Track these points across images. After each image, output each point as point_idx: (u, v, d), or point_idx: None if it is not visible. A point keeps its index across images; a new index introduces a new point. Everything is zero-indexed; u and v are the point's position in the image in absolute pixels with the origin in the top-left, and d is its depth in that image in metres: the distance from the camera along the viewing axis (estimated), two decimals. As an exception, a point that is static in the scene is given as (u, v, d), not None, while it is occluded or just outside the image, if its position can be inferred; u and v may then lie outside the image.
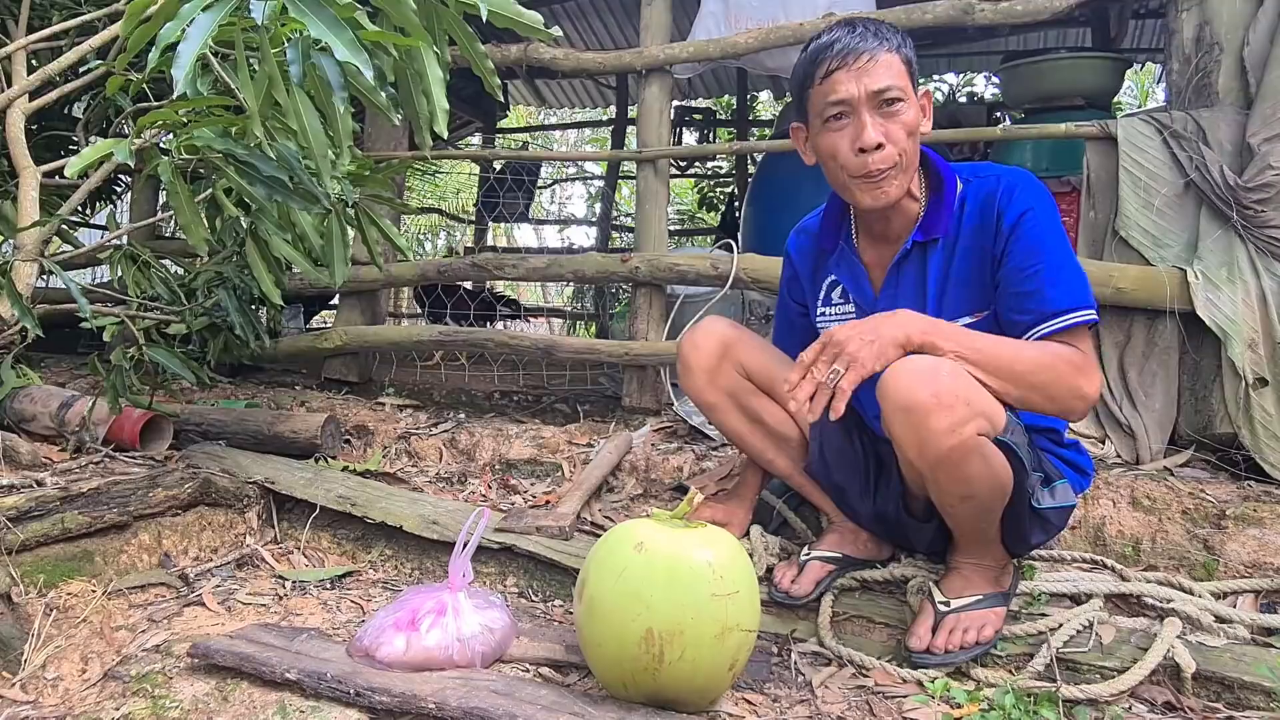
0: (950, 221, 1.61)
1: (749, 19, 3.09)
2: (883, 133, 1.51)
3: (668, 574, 1.30)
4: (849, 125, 1.53)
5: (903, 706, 1.45)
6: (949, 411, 1.38)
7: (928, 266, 1.63)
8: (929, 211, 1.62)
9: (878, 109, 1.51)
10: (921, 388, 1.39)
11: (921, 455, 1.44)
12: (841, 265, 1.75)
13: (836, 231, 1.76)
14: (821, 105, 1.55)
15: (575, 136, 12.88)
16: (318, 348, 3.22)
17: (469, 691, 1.33)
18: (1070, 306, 1.49)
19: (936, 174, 1.63)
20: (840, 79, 1.52)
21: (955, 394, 1.38)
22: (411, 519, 2.04)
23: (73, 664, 1.53)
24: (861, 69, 1.51)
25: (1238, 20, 2.28)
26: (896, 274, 1.66)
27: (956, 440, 1.39)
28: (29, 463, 2.07)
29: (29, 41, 2.25)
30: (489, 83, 1.82)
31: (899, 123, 1.52)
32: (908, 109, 1.53)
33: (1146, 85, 8.94)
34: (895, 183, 1.55)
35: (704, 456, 2.46)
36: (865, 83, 1.50)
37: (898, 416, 1.43)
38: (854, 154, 1.53)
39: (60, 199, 2.43)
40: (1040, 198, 1.56)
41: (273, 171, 1.74)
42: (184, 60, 1.33)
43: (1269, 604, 1.71)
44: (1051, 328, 1.49)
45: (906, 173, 1.57)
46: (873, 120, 1.51)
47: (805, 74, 1.58)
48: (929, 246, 1.63)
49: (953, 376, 1.39)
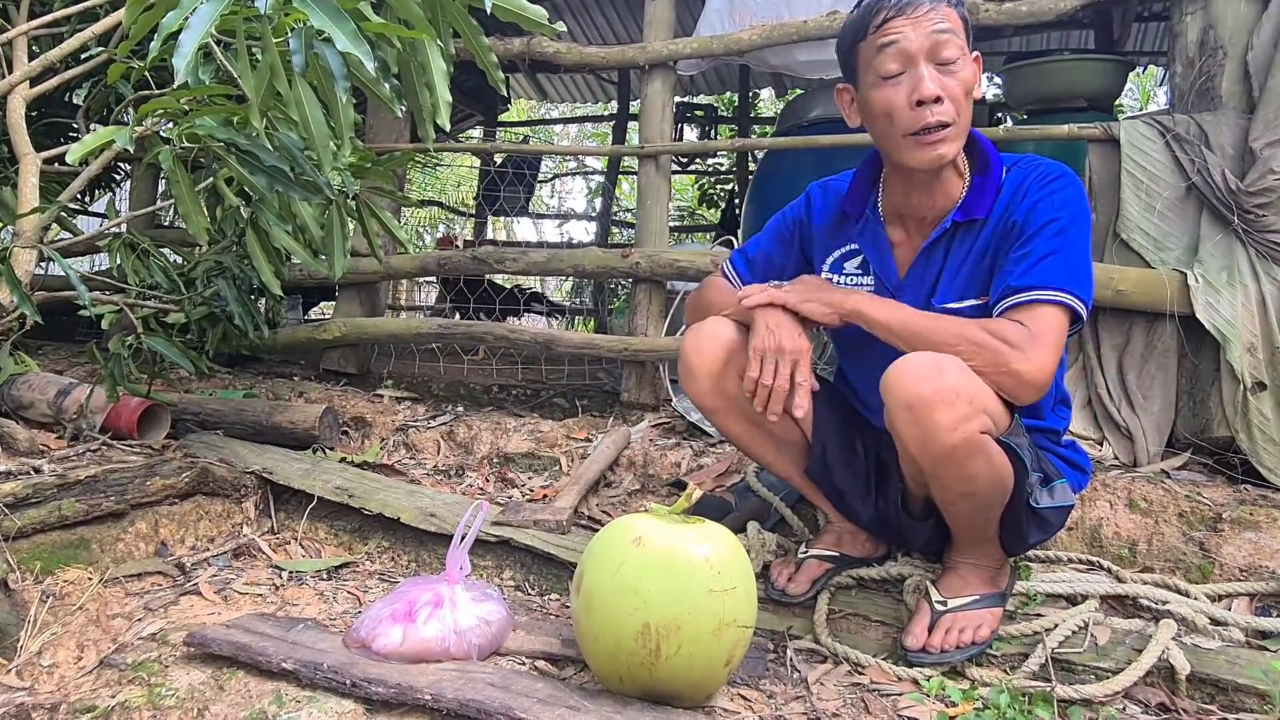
0: (994, 204, 1.55)
1: (753, 15, 3.08)
2: (941, 86, 1.46)
3: (665, 568, 1.30)
4: (905, 78, 1.47)
5: (898, 704, 1.45)
6: (952, 408, 1.37)
7: (952, 249, 1.59)
8: (973, 191, 1.57)
9: (935, 62, 1.46)
10: (925, 384, 1.38)
11: (924, 451, 1.44)
12: (866, 236, 1.68)
13: (864, 200, 1.69)
14: (875, 57, 1.49)
15: (576, 131, 12.88)
16: (316, 339, 3.21)
17: (465, 683, 1.33)
18: (1037, 284, 1.44)
19: (984, 154, 1.58)
20: (898, 25, 1.46)
21: (959, 391, 1.38)
22: (409, 511, 2.04)
23: (69, 651, 1.53)
24: (922, 18, 1.45)
25: (1242, 24, 2.27)
26: (928, 255, 1.61)
27: (960, 437, 1.39)
28: (26, 450, 2.07)
29: (30, 27, 2.24)
30: (493, 76, 1.82)
31: (957, 80, 1.47)
32: (966, 65, 1.47)
33: (1149, 88, 8.93)
34: (952, 144, 1.49)
35: (702, 453, 2.46)
36: (925, 29, 1.45)
37: (900, 413, 1.42)
38: (910, 107, 1.47)
39: (60, 186, 2.43)
40: (1065, 189, 1.52)
41: (274, 162, 1.74)
42: (186, 49, 1.33)
43: (1264, 607, 1.72)
44: (1010, 303, 1.46)
45: (962, 136, 1.51)
46: (932, 73, 1.46)
47: (858, 26, 1.52)
48: (965, 228, 1.58)
49: (957, 374, 1.39)
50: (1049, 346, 1.42)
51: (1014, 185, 1.55)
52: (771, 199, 4.13)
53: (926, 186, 1.59)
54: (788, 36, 2.84)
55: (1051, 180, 1.53)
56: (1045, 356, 1.42)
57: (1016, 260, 1.49)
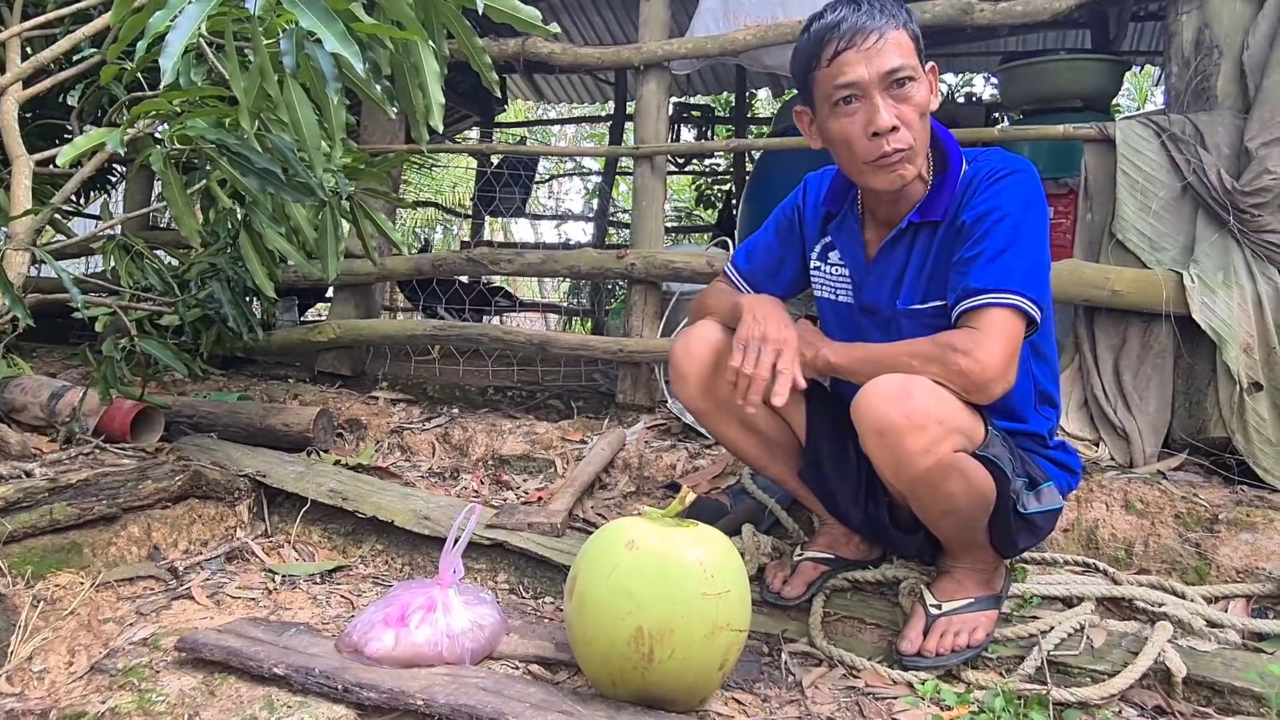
0: (950, 204, 1.56)
1: (748, 16, 3.07)
2: (895, 114, 1.46)
3: (659, 572, 1.30)
4: (860, 108, 1.48)
5: (893, 708, 1.45)
6: (922, 432, 1.37)
7: (914, 250, 1.60)
8: (932, 193, 1.57)
9: (889, 90, 1.46)
10: (893, 409, 1.38)
11: (898, 476, 1.45)
12: (842, 232, 1.71)
13: (843, 197, 1.72)
14: (830, 89, 1.49)
15: (573, 132, 12.87)
16: (311, 341, 3.20)
17: (457, 688, 1.33)
18: (986, 288, 1.44)
19: (943, 153, 1.58)
20: (849, 60, 1.46)
21: (928, 413, 1.38)
22: (403, 514, 2.03)
23: (59, 656, 1.52)
24: (871, 49, 1.45)
25: (1238, 24, 2.27)
26: (888, 253, 1.62)
27: (932, 461, 1.39)
28: (18, 453, 2.06)
29: (23, 28, 2.23)
30: (487, 78, 1.81)
31: (911, 104, 1.47)
32: (918, 88, 1.48)
33: (1145, 88, 8.94)
34: (911, 165, 1.51)
35: (697, 455, 2.45)
36: (876, 64, 1.45)
37: (872, 439, 1.43)
38: (867, 138, 1.48)
39: (53, 188, 2.42)
40: (1017, 186, 1.51)
41: (266, 163, 1.73)
42: (172, 49, 1.32)
43: (1260, 609, 1.71)
44: (962, 308, 1.46)
45: (921, 153, 1.53)
46: (885, 102, 1.46)
47: (809, 55, 1.52)
48: (923, 229, 1.58)
49: (926, 396, 1.39)
50: (997, 343, 1.41)
51: (965, 184, 1.56)
52: (768, 199, 4.12)
53: (891, 198, 1.60)
54: (782, 37, 2.83)
55: (1001, 177, 1.52)
56: (992, 355, 1.41)
57: (967, 262, 1.48)
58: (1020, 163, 1.55)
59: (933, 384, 1.40)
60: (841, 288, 1.72)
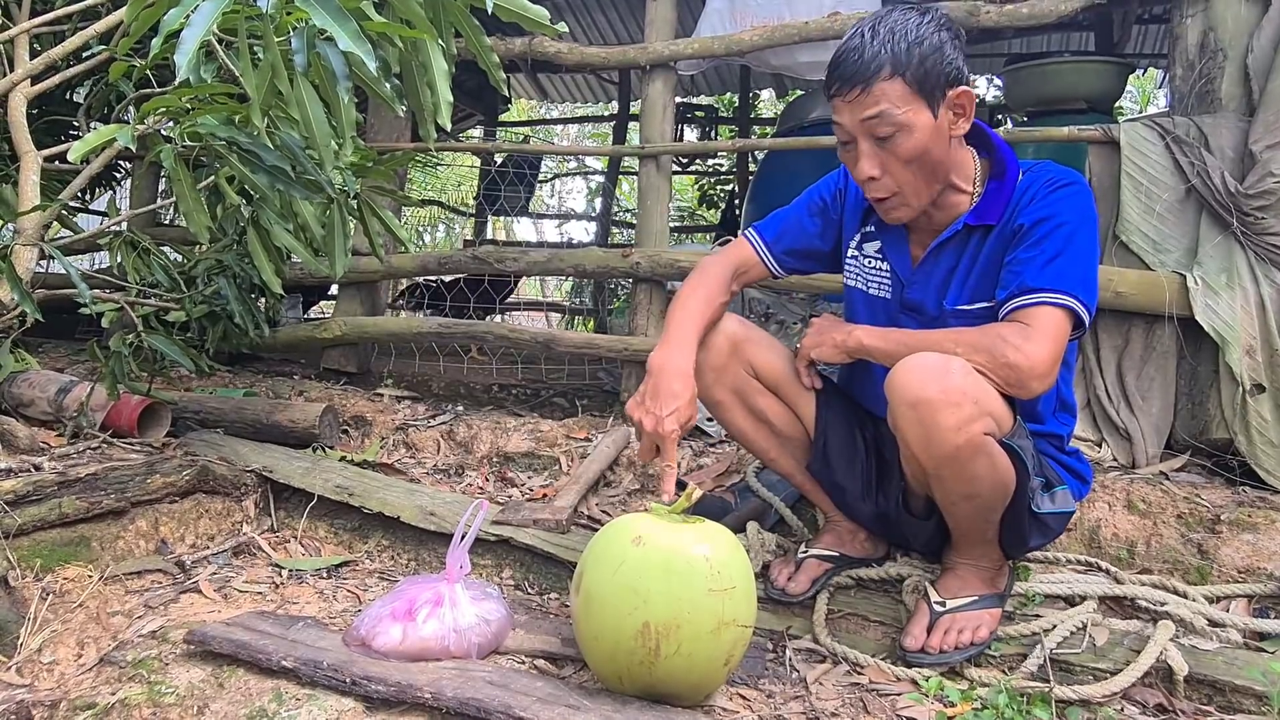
0: (1006, 209, 1.57)
1: (754, 16, 3.08)
2: (879, 164, 1.50)
3: (665, 568, 1.30)
4: (851, 150, 1.53)
5: (896, 704, 1.45)
6: (957, 409, 1.38)
7: (965, 252, 1.60)
8: (988, 196, 1.58)
9: (873, 137, 1.49)
10: (930, 384, 1.39)
11: (927, 452, 1.44)
12: (889, 229, 1.70)
13: None
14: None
15: (577, 131, 12.88)
16: (317, 338, 3.21)
17: (465, 682, 1.34)
18: (1040, 287, 1.46)
19: (1002, 161, 1.59)
20: (838, 106, 1.52)
21: (964, 391, 1.39)
22: (409, 510, 2.04)
23: (68, 648, 1.53)
24: (855, 101, 1.48)
25: (1242, 27, 2.28)
26: (938, 253, 1.63)
27: (963, 439, 1.40)
28: (27, 447, 2.07)
29: (32, 25, 2.24)
30: (494, 76, 1.82)
31: (895, 155, 1.49)
32: (906, 138, 1.47)
33: (1149, 90, 8.94)
34: (903, 209, 1.55)
35: (702, 453, 2.46)
36: (860, 114, 1.48)
37: (905, 411, 1.43)
38: (858, 177, 1.54)
39: (61, 184, 2.42)
40: (1076, 197, 1.53)
41: (275, 160, 1.74)
42: (187, 47, 1.33)
43: (1262, 608, 1.72)
44: (1013, 305, 1.47)
45: (917, 196, 1.54)
46: (869, 150, 1.50)
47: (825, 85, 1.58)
48: (976, 231, 1.59)
49: (963, 375, 1.40)
50: (1047, 340, 1.43)
51: (1023, 190, 1.57)
52: (772, 200, 4.12)
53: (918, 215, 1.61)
54: (789, 37, 2.84)
55: (1060, 186, 1.54)
56: (1042, 349, 1.42)
57: (1022, 263, 1.50)
58: (1077, 176, 1.58)
59: (970, 367, 1.41)
60: (877, 282, 1.72)
